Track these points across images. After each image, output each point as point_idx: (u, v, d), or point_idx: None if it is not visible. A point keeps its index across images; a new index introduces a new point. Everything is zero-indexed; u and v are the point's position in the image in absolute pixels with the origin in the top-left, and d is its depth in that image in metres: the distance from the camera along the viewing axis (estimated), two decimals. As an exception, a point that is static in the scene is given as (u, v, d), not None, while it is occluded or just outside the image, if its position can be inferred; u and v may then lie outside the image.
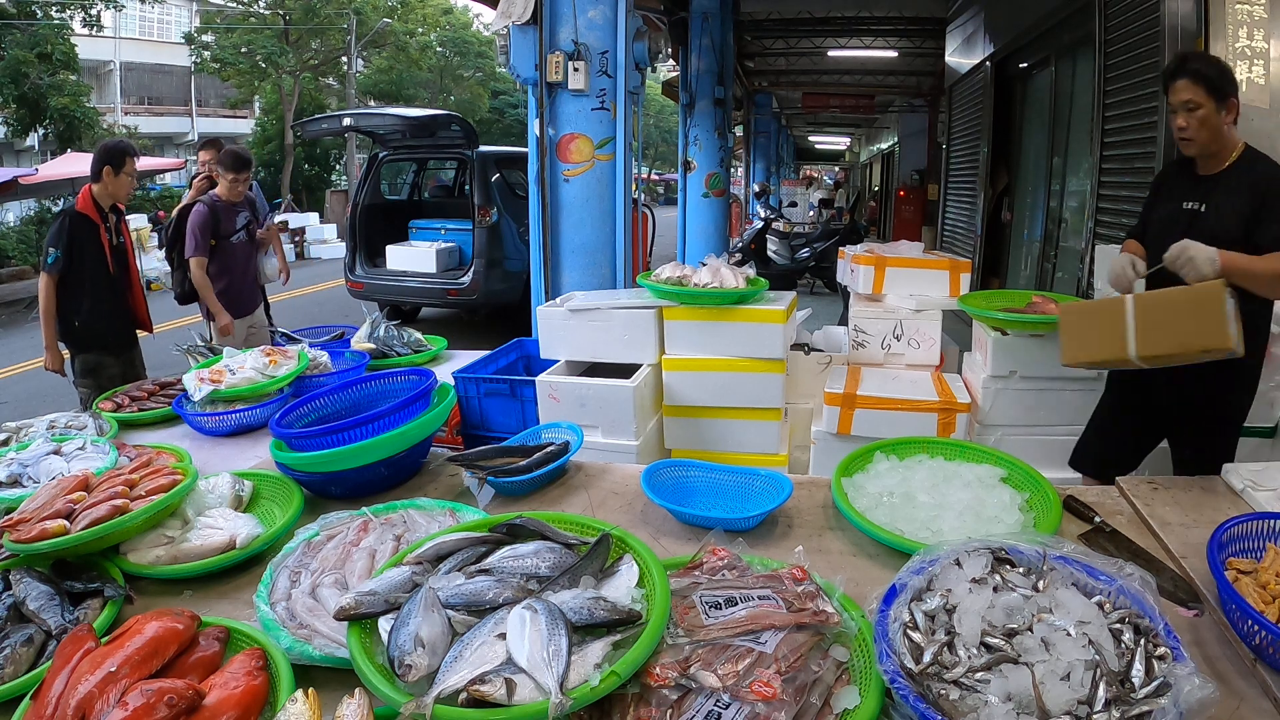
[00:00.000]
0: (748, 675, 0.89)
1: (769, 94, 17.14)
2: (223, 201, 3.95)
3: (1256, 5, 3.28)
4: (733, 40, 9.35)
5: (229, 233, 3.98)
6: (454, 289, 7.04)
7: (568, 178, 3.84)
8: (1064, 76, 5.64)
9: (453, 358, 3.17)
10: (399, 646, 0.91)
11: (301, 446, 1.65)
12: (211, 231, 3.89)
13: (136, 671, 0.97)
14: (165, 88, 24.62)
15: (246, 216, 4.09)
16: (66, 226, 3.33)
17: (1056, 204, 5.85)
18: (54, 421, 2.11)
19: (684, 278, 2.83)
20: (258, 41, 19.93)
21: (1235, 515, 1.23)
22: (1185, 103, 1.86)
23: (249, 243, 4.11)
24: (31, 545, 1.26)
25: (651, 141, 30.26)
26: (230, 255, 4.01)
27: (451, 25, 27.29)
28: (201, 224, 3.84)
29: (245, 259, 4.11)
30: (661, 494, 1.53)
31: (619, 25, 3.77)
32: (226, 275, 4.01)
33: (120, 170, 3.35)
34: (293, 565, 1.28)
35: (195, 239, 3.84)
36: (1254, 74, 3.29)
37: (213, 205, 3.92)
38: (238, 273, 4.06)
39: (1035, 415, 2.64)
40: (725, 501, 1.62)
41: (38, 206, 14.04)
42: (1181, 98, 1.87)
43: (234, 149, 4.13)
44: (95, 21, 15.88)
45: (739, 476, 1.64)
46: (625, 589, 1.02)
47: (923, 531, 1.37)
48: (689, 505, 1.55)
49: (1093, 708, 0.83)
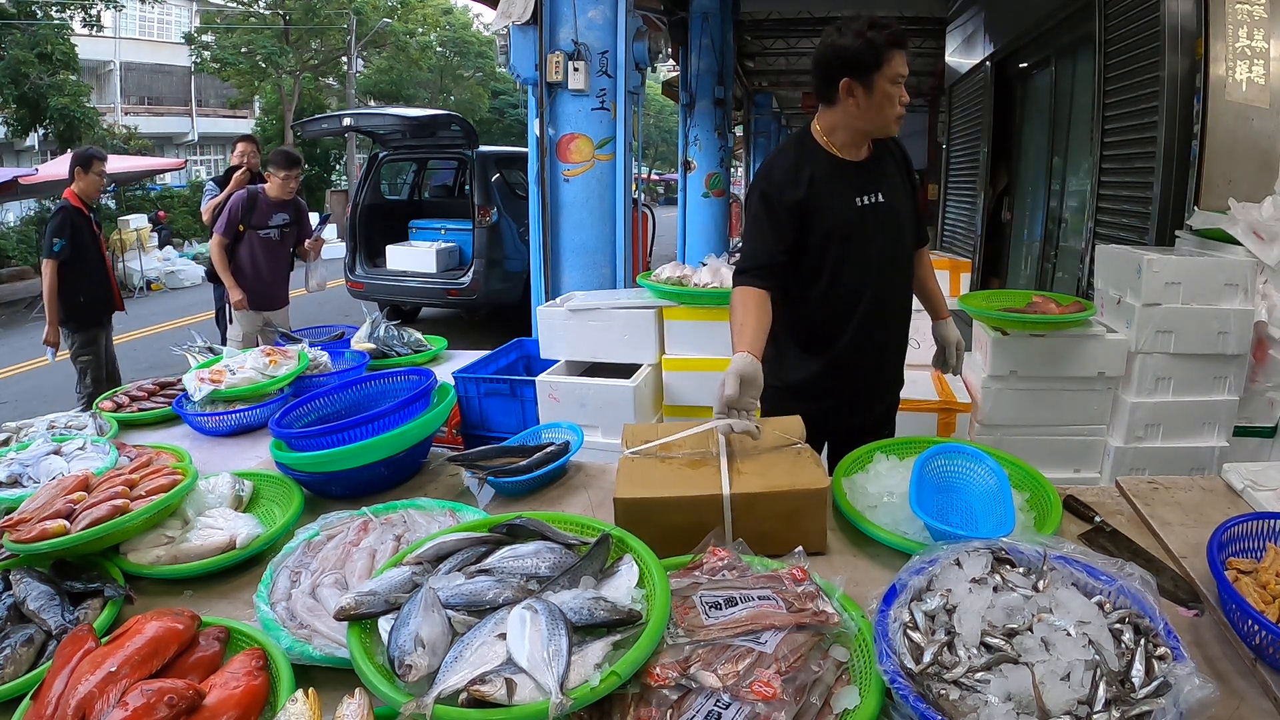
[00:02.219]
0: (748, 675, 0.89)
1: (769, 94, 17.14)
2: (266, 197, 4.13)
3: (1256, 5, 3.28)
4: (733, 40, 9.35)
5: (260, 225, 4.12)
6: (454, 289, 7.04)
7: (568, 178, 3.84)
8: (1064, 76, 5.64)
9: (453, 358, 3.16)
10: (399, 646, 0.91)
11: (301, 446, 1.65)
12: (241, 219, 4.05)
13: (136, 671, 0.97)
14: (165, 88, 24.60)
15: (285, 218, 4.22)
16: (70, 219, 4.01)
17: (1056, 204, 5.85)
18: (54, 421, 2.11)
19: (684, 278, 2.83)
20: (258, 41, 19.93)
21: (1235, 515, 1.23)
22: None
23: (281, 243, 4.24)
24: (31, 545, 1.26)
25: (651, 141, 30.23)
26: (256, 248, 4.14)
27: (451, 25, 27.28)
28: (234, 207, 4.07)
29: (273, 257, 4.22)
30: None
31: (619, 25, 3.77)
32: (251, 266, 4.15)
33: (89, 170, 4.08)
34: (293, 565, 1.27)
35: (225, 219, 4.09)
36: (1254, 74, 3.29)
37: (253, 195, 4.11)
38: (263, 267, 4.18)
39: (1035, 415, 2.64)
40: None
41: (38, 206, 14.03)
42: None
43: (284, 148, 4.45)
44: (95, 21, 15.86)
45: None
46: (625, 589, 1.02)
47: (923, 532, 1.37)
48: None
49: (1093, 708, 0.82)
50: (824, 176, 1.76)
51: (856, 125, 1.75)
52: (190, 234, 15.81)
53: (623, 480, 1.36)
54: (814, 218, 1.76)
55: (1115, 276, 2.72)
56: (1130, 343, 2.59)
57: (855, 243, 1.77)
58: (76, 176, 4.08)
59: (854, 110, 1.72)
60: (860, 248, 1.78)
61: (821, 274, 1.80)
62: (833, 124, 1.78)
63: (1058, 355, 2.58)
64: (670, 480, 1.35)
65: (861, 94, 1.69)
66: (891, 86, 1.68)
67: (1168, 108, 3.61)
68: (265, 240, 4.16)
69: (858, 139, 1.79)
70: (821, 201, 1.75)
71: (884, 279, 1.83)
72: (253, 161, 4.71)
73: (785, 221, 1.76)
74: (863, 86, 1.68)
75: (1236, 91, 3.31)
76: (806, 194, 1.75)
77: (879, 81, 1.67)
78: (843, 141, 1.78)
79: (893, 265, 1.85)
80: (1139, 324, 2.56)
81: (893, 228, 1.82)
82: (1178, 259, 2.59)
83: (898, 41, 1.66)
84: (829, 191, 1.76)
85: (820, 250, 1.78)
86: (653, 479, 1.36)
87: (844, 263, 1.78)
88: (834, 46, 1.69)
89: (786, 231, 1.77)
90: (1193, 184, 3.46)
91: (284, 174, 4.10)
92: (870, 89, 1.68)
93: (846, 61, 1.68)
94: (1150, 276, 2.54)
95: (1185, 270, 2.56)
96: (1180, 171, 3.59)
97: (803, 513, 1.31)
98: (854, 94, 1.70)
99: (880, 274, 1.82)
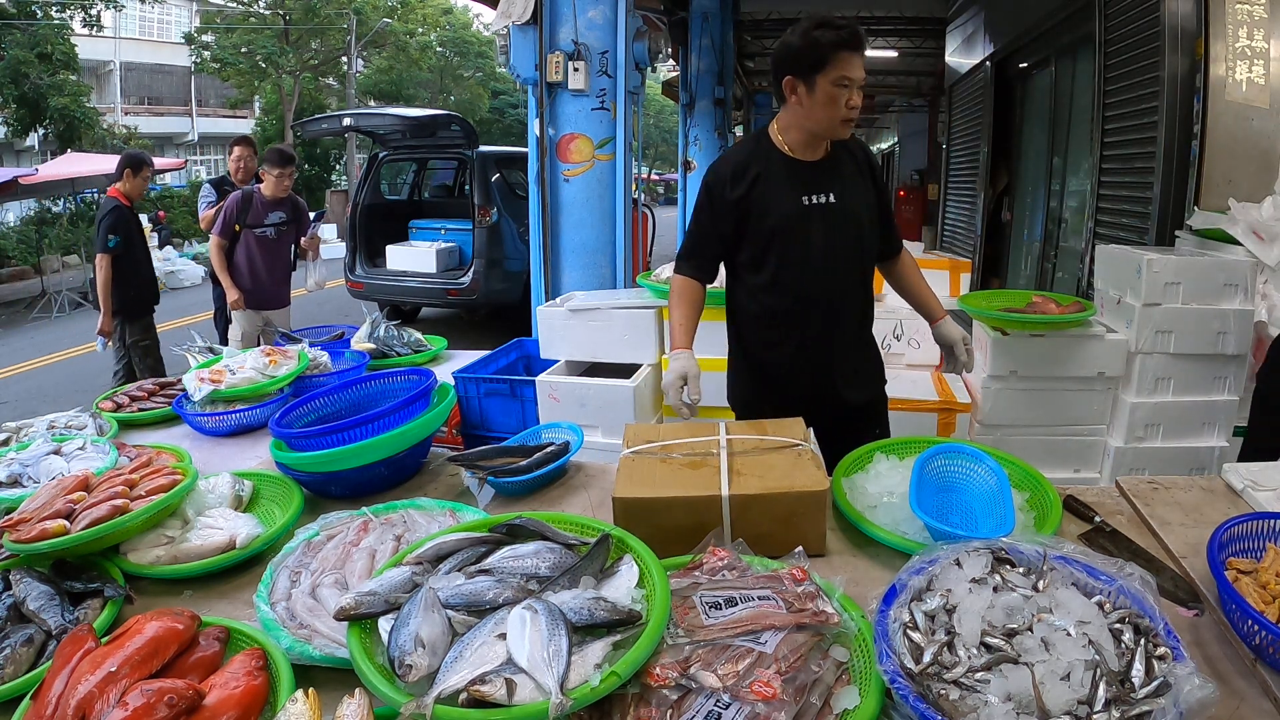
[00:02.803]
0: (748, 675, 0.89)
1: (769, 94, 17.13)
2: (261, 195, 4.14)
3: (1256, 5, 3.28)
4: (733, 40, 9.38)
5: (256, 224, 4.13)
6: (454, 289, 7.04)
7: (568, 178, 3.84)
8: (1064, 76, 5.64)
9: (453, 358, 3.16)
10: (399, 646, 0.91)
11: (301, 446, 1.65)
12: (237, 218, 4.07)
13: (136, 671, 0.97)
14: (165, 88, 24.60)
15: (281, 215, 4.23)
16: (123, 217, 4.17)
17: (1056, 204, 5.85)
18: (54, 421, 2.11)
19: (684, 278, 2.82)
20: (258, 41, 19.93)
21: (1235, 515, 1.23)
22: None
23: (278, 241, 4.25)
24: (31, 545, 1.26)
25: (651, 141, 30.25)
26: (254, 247, 4.15)
27: (451, 25, 27.29)
28: (229, 207, 4.10)
29: (271, 256, 4.24)
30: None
31: (619, 25, 3.77)
32: (249, 266, 4.17)
33: (138, 174, 4.22)
34: (293, 565, 1.27)
35: (221, 219, 4.13)
36: (1254, 74, 3.29)
37: (247, 194, 4.13)
38: (260, 267, 4.19)
39: (1035, 415, 2.64)
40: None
41: (37, 206, 14.03)
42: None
43: (277, 146, 4.49)
44: (95, 21, 15.87)
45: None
46: (625, 589, 1.02)
47: (923, 532, 1.37)
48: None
49: (1093, 708, 0.82)
50: (770, 175, 1.79)
51: (804, 124, 1.77)
52: (190, 234, 15.81)
53: (622, 480, 1.36)
54: (753, 214, 1.80)
55: (1115, 276, 2.72)
56: (1130, 343, 2.59)
57: (797, 240, 1.79)
58: (125, 177, 4.19)
59: (799, 109, 1.73)
60: (801, 245, 1.80)
61: (764, 268, 1.84)
62: (787, 123, 1.81)
63: (1058, 355, 2.58)
64: (670, 480, 1.35)
65: (804, 92, 1.70)
66: (835, 88, 1.66)
67: (1168, 108, 3.61)
68: (262, 239, 4.17)
69: (810, 139, 1.80)
70: (763, 199, 1.78)
71: (829, 278, 1.83)
72: (250, 164, 4.71)
73: (723, 216, 1.82)
74: (805, 85, 1.69)
75: (1236, 91, 3.31)
76: (747, 191, 1.79)
77: (820, 82, 1.67)
78: (795, 140, 1.80)
79: (840, 264, 1.84)
80: (1139, 324, 2.56)
81: (842, 228, 1.82)
82: (1178, 259, 2.59)
83: (847, 43, 1.64)
84: (773, 189, 1.78)
85: (763, 245, 1.82)
86: (652, 479, 1.36)
87: (785, 259, 1.81)
88: (782, 44, 1.72)
89: (724, 225, 1.83)
90: (1193, 184, 3.46)
91: (278, 171, 4.11)
92: (811, 88, 1.68)
93: (790, 59, 1.69)
94: (1150, 276, 2.54)
95: (1185, 270, 2.56)
96: (1180, 171, 3.59)
97: (802, 514, 1.31)
98: (796, 92, 1.71)
99: (825, 273, 1.82)
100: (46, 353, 7.91)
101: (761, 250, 1.83)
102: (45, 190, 12.06)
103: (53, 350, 8.00)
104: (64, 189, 12.13)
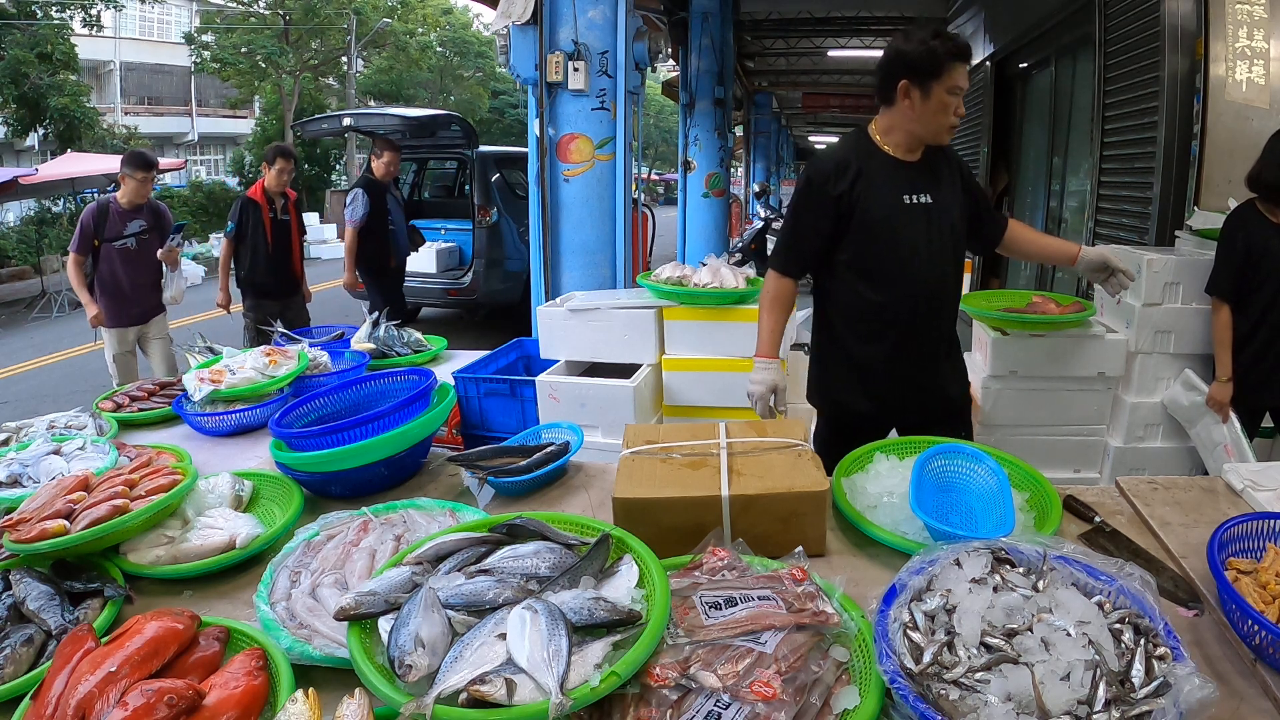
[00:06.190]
0: (748, 675, 0.89)
1: (769, 94, 17.15)
2: (117, 205, 3.92)
3: (1256, 5, 3.28)
4: (733, 40, 9.36)
5: (114, 236, 3.91)
6: (454, 289, 7.04)
7: (568, 178, 3.84)
8: (1064, 76, 5.64)
9: (453, 358, 3.16)
10: (399, 646, 0.91)
11: (301, 446, 1.65)
12: (94, 232, 3.86)
13: (136, 671, 0.97)
14: (165, 88, 24.61)
15: (141, 224, 3.99)
16: (239, 207, 4.39)
17: (1056, 204, 5.85)
18: (54, 421, 2.11)
19: (684, 278, 2.83)
20: (258, 41, 19.92)
21: (1235, 515, 1.23)
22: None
23: (140, 251, 4.00)
24: (31, 545, 1.26)
25: (651, 141, 30.26)
26: (114, 260, 3.93)
27: (451, 25, 27.29)
28: (85, 221, 3.88)
29: (132, 267, 4.00)
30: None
31: (619, 25, 3.77)
32: (112, 280, 3.94)
33: (273, 167, 4.40)
34: (293, 565, 1.27)
35: (77, 235, 3.90)
36: (1254, 74, 3.29)
37: (103, 205, 3.90)
38: (122, 279, 3.97)
39: (1035, 415, 2.64)
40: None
41: (37, 206, 14.04)
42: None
43: (139, 149, 4.28)
44: (95, 21, 15.88)
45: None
46: (625, 589, 1.02)
47: (923, 532, 1.37)
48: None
49: (1093, 708, 0.82)
50: (871, 172, 1.85)
51: (910, 128, 1.83)
52: (190, 234, 15.82)
53: (622, 480, 1.36)
54: (855, 211, 1.84)
55: (1115, 276, 2.71)
56: (1130, 343, 2.59)
57: (895, 238, 1.85)
58: (264, 171, 4.41)
59: (909, 113, 1.80)
60: (904, 243, 1.85)
61: (866, 263, 1.88)
62: (889, 125, 1.87)
63: (1058, 355, 2.58)
64: (669, 480, 1.35)
65: (918, 97, 1.77)
66: (948, 96, 1.76)
67: (1168, 108, 3.61)
68: (123, 251, 3.92)
69: (911, 142, 1.86)
70: (865, 196, 1.83)
71: (930, 273, 1.88)
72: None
73: (824, 211, 1.87)
74: (919, 90, 1.77)
75: (1236, 91, 3.31)
76: (849, 188, 1.84)
77: (935, 89, 1.76)
78: (896, 142, 1.87)
79: (935, 264, 1.89)
80: (1139, 324, 2.56)
81: (939, 229, 1.87)
82: (1178, 259, 2.60)
83: (959, 54, 1.75)
84: (875, 187, 1.84)
85: (861, 242, 1.87)
86: (652, 479, 1.36)
87: (888, 254, 1.86)
88: (898, 50, 1.79)
89: (824, 221, 1.88)
90: (1193, 184, 3.47)
91: (141, 175, 3.89)
92: (926, 94, 1.77)
93: (907, 65, 1.77)
94: (1150, 276, 2.54)
95: (1185, 270, 2.56)
96: (1180, 171, 3.59)
97: (801, 515, 1.31)
98: (910, 96, 1.78)
99: (921, 270, 1.87)
100: (46, 353, 7.91)
101: (863, 246, 1.88)
102: (45, 190, 12.07)
103: (53, 350, 8.01)
104: (64, 189, 12.14)
